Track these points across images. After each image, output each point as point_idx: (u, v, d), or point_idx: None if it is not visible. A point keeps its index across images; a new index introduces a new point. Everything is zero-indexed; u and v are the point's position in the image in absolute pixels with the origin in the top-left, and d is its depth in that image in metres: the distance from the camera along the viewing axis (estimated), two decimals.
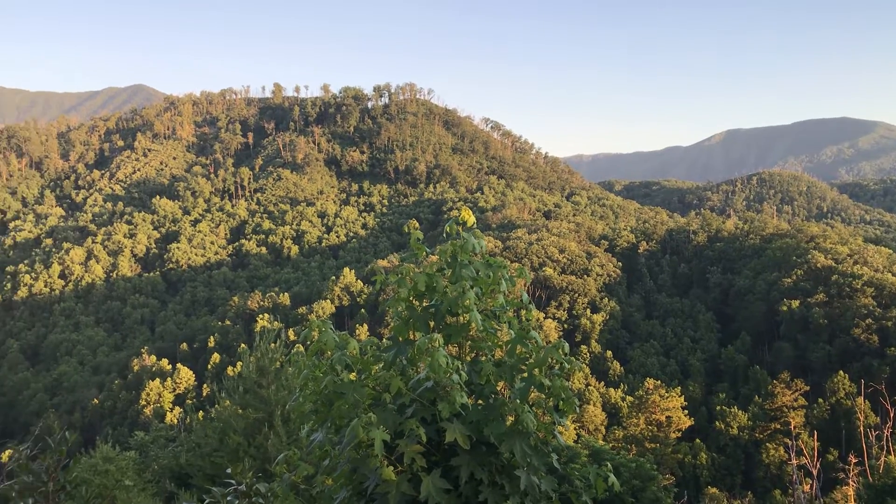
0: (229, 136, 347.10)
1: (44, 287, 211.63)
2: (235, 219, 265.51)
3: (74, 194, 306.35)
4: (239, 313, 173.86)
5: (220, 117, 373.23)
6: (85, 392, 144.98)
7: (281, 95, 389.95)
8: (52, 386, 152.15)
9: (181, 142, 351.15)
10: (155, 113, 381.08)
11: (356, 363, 5.23)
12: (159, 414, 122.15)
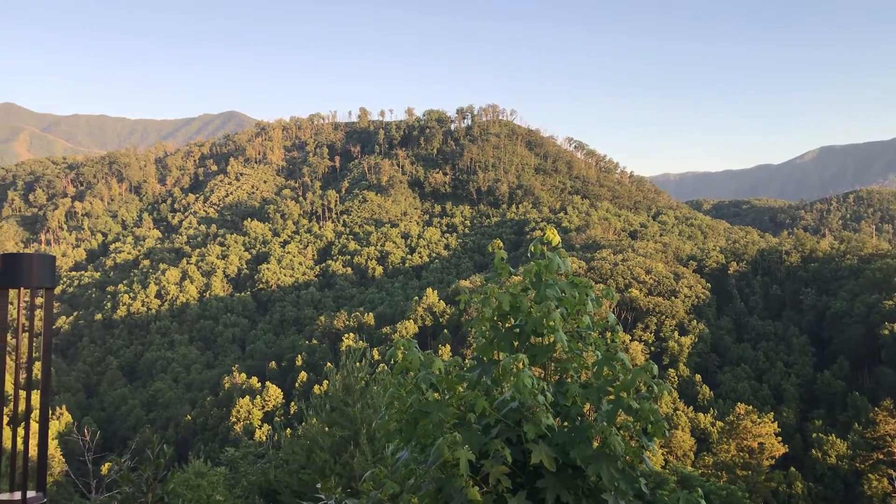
0: (317, 159, 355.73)
1: (141, 306, 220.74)
2: (322, 240, 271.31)
3: (171, 217, 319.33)
4: (325, 332, 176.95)
5: (309, 142, 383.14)
6: (179, 408, 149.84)
7: (366, 119, 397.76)
8: (149, 402, 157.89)
9: (271, 166, 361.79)
10: (247, 138, 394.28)
11: (441, 382, 5.25)
12: (249, 430, 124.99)
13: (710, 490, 31.52)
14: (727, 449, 73.90)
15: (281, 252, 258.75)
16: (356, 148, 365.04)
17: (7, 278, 3.81)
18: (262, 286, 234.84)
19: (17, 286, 3.84)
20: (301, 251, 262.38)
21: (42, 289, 3.96)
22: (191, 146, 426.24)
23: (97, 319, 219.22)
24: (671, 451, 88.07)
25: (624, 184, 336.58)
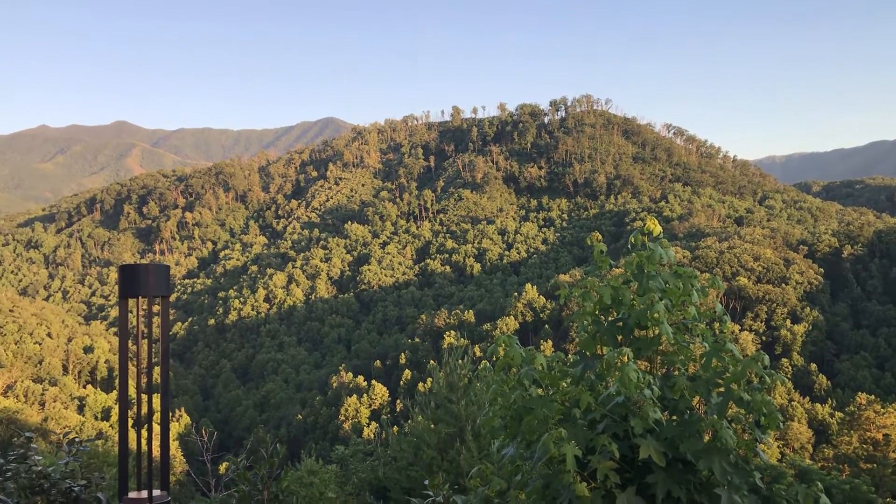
0: (412, 160, 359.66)
1: (251, 310, 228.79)
2: (420, 240, 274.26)
3: (275, 223, 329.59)
4: (427, 331, 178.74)
5: (403, 143, 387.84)
6: (290, 408, 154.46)
7: (459, 118, 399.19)
8: (261, 402, 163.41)
9: (368, 169, 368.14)
10: (344, 143, 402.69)
11: (543, 378, 5.21)
12: (357, 429, 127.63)
13: (830, 484, 30.09)
14: (848, 441, 70.24)
15: (381, 253, 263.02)
16: (450, 146, 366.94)
17: (126, 288, 4.03)
18: (365, 287, 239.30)
19: (135, 295, 4.06)
20: (400, 251, 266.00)
21: (159, 297, 4.17)
22: (291, 153, 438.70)
23: (210, 324, 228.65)
24: (787, 444, 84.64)
25: (727, 169, 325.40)
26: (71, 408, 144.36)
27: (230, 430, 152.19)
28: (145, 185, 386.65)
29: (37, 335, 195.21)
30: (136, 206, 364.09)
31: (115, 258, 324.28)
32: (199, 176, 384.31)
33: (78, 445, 4.74)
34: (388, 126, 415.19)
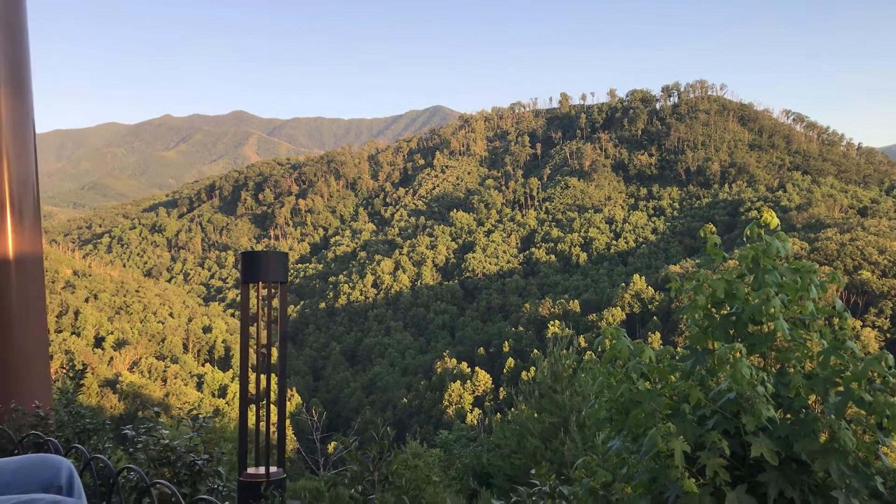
0: (518, 148, 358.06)
1: (359, 295, 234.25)
2: (525, 228, 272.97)
3: (383, 210, 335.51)
4: (531, 320, 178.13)
5: (510, 131, 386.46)
6: (395, 391, 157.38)
7: (567, 104, 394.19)
8: (368, 385, 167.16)
9: (475, 157, 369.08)
10: (451, 131, 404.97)
11: (652, 372, 5.14)
12: (460, 414, 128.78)
13: None
14: None
15: (486, 241, 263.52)
16: (557, 134, 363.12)
17: (248, 274, 4.25)
18: (469, 275, 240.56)
19: (256, 281, 4.27)
20: (505, 240, 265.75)
21: (277, 283, 4.37)
22: (399, 142, 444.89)
23: (321, 308, 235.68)
24: None
25: (850, 157, 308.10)
26: (190, 385, 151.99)
27: (338, 411, 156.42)
28: (261, 173, 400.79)
29: (160, 315, 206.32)
30: (253, 193, 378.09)
31: (232, 243, 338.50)
32: (311, 164, 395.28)
33: (201, 421, 5.02)
34: (494, 114, 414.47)
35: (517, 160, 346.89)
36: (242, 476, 4.01)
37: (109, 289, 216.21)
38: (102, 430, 5.94)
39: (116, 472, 4.19)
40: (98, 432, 5.88)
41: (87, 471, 4.13)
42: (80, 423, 5.82)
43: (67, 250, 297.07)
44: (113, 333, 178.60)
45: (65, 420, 5.81)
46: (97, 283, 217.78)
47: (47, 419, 5.85)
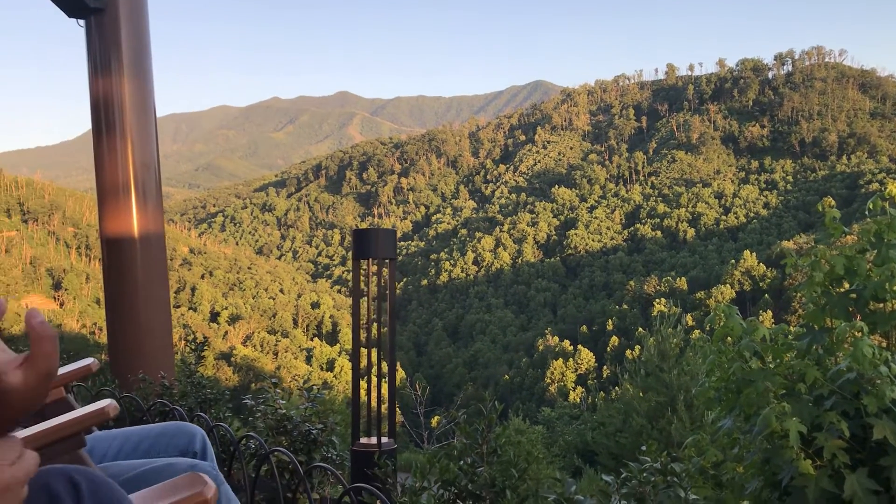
0: (623, 121, 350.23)
1: (460, 272, 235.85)
2: (630, 203, 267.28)
3: (484, 188, 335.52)
4: (635, 297, 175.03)
5: (614, 104, 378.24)
6: (497, 368, 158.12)
7: (674, 75, 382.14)
8: (470, 361, 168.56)
9: (577, 131, 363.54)
10: (552, 106, 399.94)
11: (765, 350, 4.99)
12: (563, 392, 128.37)
13: None
14: None
15: (588, 217, 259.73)
16: (663, 106, 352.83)
17: (359, 251, 4.39)
18: (571, 251, 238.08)
19: (367, 257, 4.41)
20: (608, 216, 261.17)
21: (386, 259, 4.49)
22: (500, 118, 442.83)
23: (423, 285, 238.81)
24: None
25: None
26: (300, 358, 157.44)
27: (441, 386, 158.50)
28: (365, 152, 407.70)
29: (271, 291, 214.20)
30: (357, 172, 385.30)
31: (338, 221, 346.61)
32: (413, 143, 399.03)
33: (315, 392, 5.22)
34: (598, 87, 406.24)
35: (621, 134, 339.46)
36: (355, 445, 4.17)
37: (223, 266, 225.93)
38: (222, 400, 6.26)
39: (237, 440, 4.41)
40: (218, 402, 6.19)
41: (210, 438, 4.37)
42: (201, 393, 6.14)
43: (184, 229, 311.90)
44: (227, 309, 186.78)
45: (187, 390, 6.15)
46: (212, 260, 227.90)
47: (172, 389, 6.20)
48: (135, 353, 8.06)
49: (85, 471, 1.15)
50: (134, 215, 8.36)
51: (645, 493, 2.59)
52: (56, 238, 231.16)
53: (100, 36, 8.26)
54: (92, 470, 1.17)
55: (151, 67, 8.62)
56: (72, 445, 1.80)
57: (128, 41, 8.25)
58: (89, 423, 1.81)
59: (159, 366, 7.72)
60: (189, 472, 1.68)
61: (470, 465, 2.96)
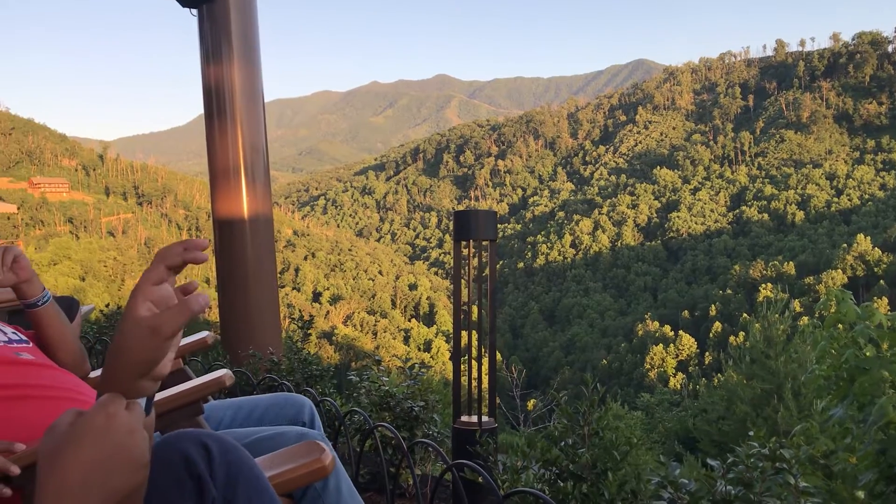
0: (728, 100, 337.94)
1: (557, 255, 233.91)
2: (735, 185, 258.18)
3: (582, 169, 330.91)
4: (740, 282, 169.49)
5: (719, 82, 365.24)
6: (594, 352, 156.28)
7: (783, 52, 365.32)
8: (566, 345, 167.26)
9: (680, 111, 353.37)
10: (654, 85, 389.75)
11: (882, 337, 4.78)
12: (663, 378, 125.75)
13: None
14: None
15: (691, 199, 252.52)
16: (772, 84, 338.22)
17: (460, 232, 4.46)
18: (673, 234, 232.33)
19: (467, 238, 4.47)
20: (712, 198, 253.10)
21: (487, 241, 4.54)
22: (600, 98, 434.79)
23: (519, 268, 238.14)
24: None
25: None
26: (398, 338, 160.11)
27: (537, 370, 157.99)
28: (462, 135, 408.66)
29: (370, 272, 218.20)
30: (454, 155, 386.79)
31: (435, 204, 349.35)
32: (510, 125, 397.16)
33: (417, 371, 5.34)
34: (702, 65, 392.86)
35: (727, 113, 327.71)
36: (456, 423, 4.25)
37: (325, 248, 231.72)
38: (326, 376, 6.46)
39: (343, 415, 4.55)
40: (322, 378, 6.39)
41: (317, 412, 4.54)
42: (307, 369, 6.36)
43: (288, 212, 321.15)
44: (329, 289, 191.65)
45: (294, 366, 6.38)
46: (314, 242, 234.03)
47: (279, 364, 6.43)
48: (244, 330, 8.40)
49: (214, 434, 1.23)
50: (244, 197, 8.69)
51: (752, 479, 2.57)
52: (168, 220, 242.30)
53: (211, 24, 8.60)
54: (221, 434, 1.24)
55: (259, 55, 8.91)
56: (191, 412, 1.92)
57: (237, 29, 8.55)
58: (208, 391, 1.93)
59: (267, 342, 8.02)
60: (307, 440, 1.80)
61: (571, 447, 3.01)
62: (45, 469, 0.91)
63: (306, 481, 1.49)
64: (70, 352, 2.39)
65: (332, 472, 1.84)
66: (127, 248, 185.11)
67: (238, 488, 1.19)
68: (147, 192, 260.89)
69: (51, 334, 2.34)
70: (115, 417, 0.93)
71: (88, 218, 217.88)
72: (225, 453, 1.20)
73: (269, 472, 1.34)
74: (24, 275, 2.27)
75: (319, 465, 1.44)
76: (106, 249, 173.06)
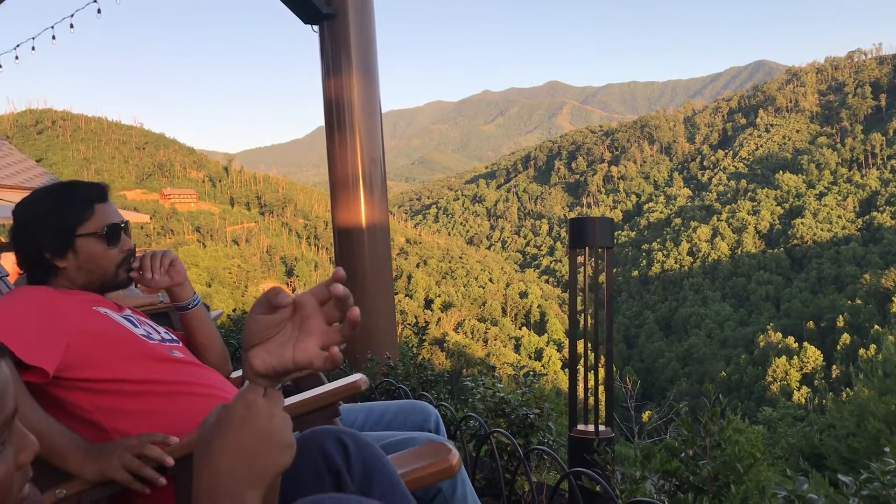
0: (857, 100, 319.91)
1: (674, 263, 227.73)
2: (865, 190, 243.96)
3: (699, 175, 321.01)
4: (870, 292, 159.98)
5: (847, 82, 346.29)
6: (713, 364, 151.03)
7: None
8: (683, 356, 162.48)
9: (804, 113, 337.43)
10: (776, 87, 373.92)
11: None
12: (786, 392, 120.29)
13: None
14: None
15: (817, 205, 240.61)
16: None
17: (575, 239, 4.45)
18: (796, 242, 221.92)
19: (583, 246, 4.46)
20: (840, 203, 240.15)
21: (603, 248, 4.51)
22: (718, 101, 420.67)
23: (634, 276, 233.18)
24: None
25: None
26: (508, 346, 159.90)
27: (652, 381, 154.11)
28: (574, 141, 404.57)
29: (480, 280, 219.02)
30: (566, 162, 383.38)
31: (546, 211, 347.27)
32: (624, 130, 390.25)
33: (531, 378, 5.35)
34: (828, 64, 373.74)
35: (856, 114, 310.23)
36: (573, 432, 4.25)
37: (436, 255, 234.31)
38: (441, 381, 6.55)
39: (459, 420, 4.63)
40: (437, 384, 6.49)
41: None
42: (423, 374, 6.47)
43: (401, 220, 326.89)
44: (440, 296, 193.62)
45: (410, 371, 6.51)
46: (426, 249, 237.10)
47: (396, 369, 6.57)
48: (362, 335, 8.63)
49: (350, 432, 1.31)
50: (362, 206, 8.96)
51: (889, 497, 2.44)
52: (288, 229, 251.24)
53: (331, 40, 8.93)
54: (355, 431, 1.32)
55: (377, 68, 9.18)
56: (329, 414, 2.03)
57: (356, 44, 8.84)
58: (344, 394, 2.04)
59: (384, 347, 8.22)
60: (434, 441, 1.89)
61: (691, 458, 2.96)
62: (198, 459, 1.04)
63: (434, 480, 1.53)
64: (216, 352, 2.59)
65: (460, 479, 1.94)
66: (250, 256, 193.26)
67: (373, 483, 1.28)
68: (269, 202, 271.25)
69: (200, 335, 2.55)
70: (254, 405, 1.03)
71: (214, 227, 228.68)
72: (361, 449, 1.29)
73: (399, 470, 1.40)
74: (179, 278, 2.51)
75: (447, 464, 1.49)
76: (230, 257, 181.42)
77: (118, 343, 2.10)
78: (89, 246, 2.19)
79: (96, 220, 2.22)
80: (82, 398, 1.98)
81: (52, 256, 2.19)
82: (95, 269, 2.24)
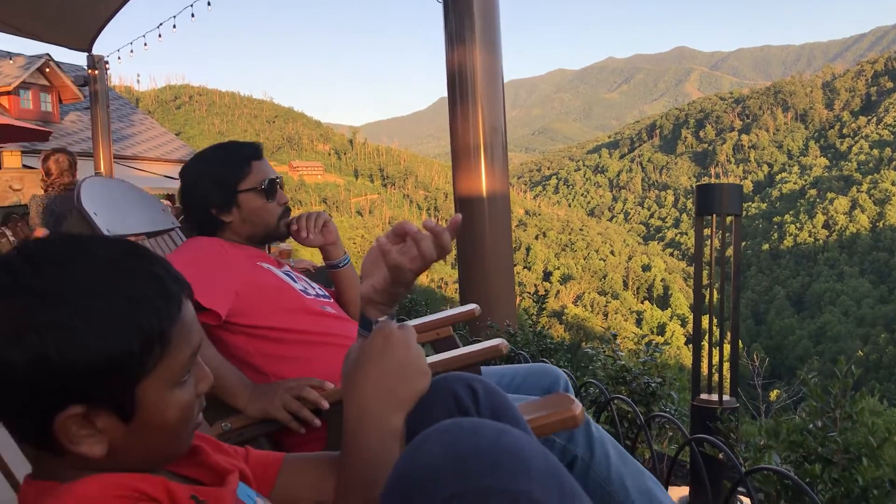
0: None
1: (808, 237, 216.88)
2: None
3: (838, 143, 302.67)
4: None
5: None
6: (848, 343, 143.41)
7: None
8: (816, 334, 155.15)
9: None
10: None
11: None
12: None
13: None
14: None
15: None
16: None
17: (702, 206, 4.35)
18: None
19: (710, 213, 4.35)
20: None
21: (731, 216, 4.39)
22: (862, 64, 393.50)
23: (764, 249, 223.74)
24: None
25: None
26: (630, 320, 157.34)
27: (781, 359, 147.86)
28: (702, 109, 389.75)
29: (601, 252, 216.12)
30: (693, 131, 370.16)
31: (671, 182, 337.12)
32: (756, 97, 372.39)
33: (653, 348, 5.32)
34: None
35: None
36: (696, 401, 4.21)
37: (556, 227, 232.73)
38: (560, 350, 6.60)
39: (579, 386, 4.67)
40: (557, 352, 6.54)
41: None
42: (542, 342, 6.52)
43: (520, 192, 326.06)
44: (559, 269, 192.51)
45: (529, 338, 6.57)
46: (545, 221, 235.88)
47: (516, 336, 6.66)
48: (482, 303, 8.68)
49: (480, 378, 1.39)
50: (483, 177, 9.03)
51: None
52: (410, 200, 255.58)
53: (455, 11, 8.97)
54: (485, 378, 1.38)
55: (500, 38, 9.17)
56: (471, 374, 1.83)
57: (479, 15, 8.86)
58: (486, 356, 2.15)
59: (504, 315, 8.30)
60: (557, 392, 1.96)
61: (820, 430, 2.92)
62: (346, 391, 1.22)
63: (558, 428, 1.58)
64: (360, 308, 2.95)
65: (598, 441, 1.95)
66: (373, 227, 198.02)
67: None
68: (391, 175, 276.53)
69: (348, 293, 2.73)
70: (392, 336, 1.22)
71: (340, 198, 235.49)
72: (490, 394, 1.35)
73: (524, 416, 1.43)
74: (331, 238, 2.72)
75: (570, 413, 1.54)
76: (355, 228, 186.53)
77: (279, 295, 2.30)
78: (251, 200, 2.41)
79: (255, 175, 2.42)
80: (246, 342, 2.19)
81: (218, 212, 2.40)
82: (258, 221, 2.45)
